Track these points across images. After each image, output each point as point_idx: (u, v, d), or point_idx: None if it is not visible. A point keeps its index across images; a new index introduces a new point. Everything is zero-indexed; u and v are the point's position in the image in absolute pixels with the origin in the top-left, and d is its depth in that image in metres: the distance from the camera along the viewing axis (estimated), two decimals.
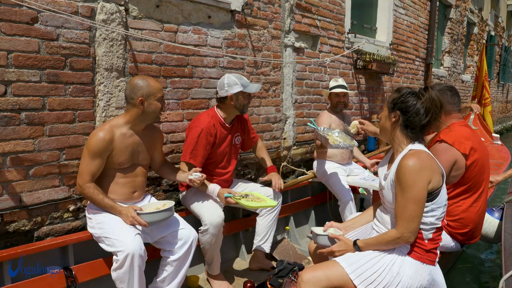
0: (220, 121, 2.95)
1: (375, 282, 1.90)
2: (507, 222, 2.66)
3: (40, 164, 2.48)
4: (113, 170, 2.43)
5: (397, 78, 6.52)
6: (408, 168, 1.86)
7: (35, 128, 2.44)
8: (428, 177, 1.87)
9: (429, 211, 1.93)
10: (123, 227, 2.25)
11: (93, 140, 2.34)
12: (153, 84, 2.45)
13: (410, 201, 1.86)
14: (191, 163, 2.77)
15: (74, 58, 2.57)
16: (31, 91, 2.40)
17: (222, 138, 2.95)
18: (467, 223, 2.58)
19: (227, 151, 3.02)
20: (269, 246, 3.14)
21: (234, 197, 2.70)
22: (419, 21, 7.10)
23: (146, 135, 2.58)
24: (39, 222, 2.53)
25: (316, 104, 4.71)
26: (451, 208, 2.54)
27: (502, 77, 14.95)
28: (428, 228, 1.94)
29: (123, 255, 2.12)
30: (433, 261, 1.98)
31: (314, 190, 4.29)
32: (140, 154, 2.54)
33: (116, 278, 2.18)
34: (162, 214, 2.32)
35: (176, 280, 2.46)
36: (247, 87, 2.88)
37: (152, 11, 2.98)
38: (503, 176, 3.35)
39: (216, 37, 3.46)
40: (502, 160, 5.47)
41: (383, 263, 1.94)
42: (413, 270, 1.93)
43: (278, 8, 4.05)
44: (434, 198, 1.93)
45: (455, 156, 2.47)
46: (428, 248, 1.95)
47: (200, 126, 2.81)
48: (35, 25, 2.38)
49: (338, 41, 4.98)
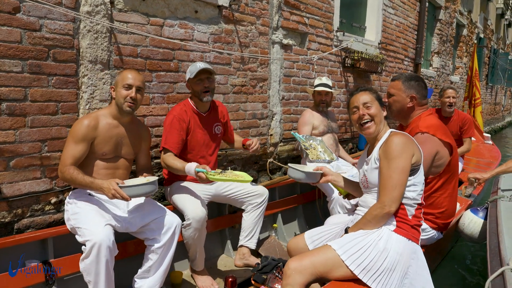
0: (193, 109, 2.97)
1: (362, 257, 1.97)
2: (491, 221, 2.65)
3: (21, 156, 2.46)
4: (95, 159, 2.43)
5: (386, 77, 6.56)
6: (395, 141, 2.05)
7: (16, 119, 2.42)
8: (412, 151, 2.05)
9: (411, 185, 2.07)
10: (94, 217, 2.23)
11: (77, 126, 2.35)
12: (124, 73, 2.49)
13: (395, 170, 2.01)
14: (167, 149, 2.78)
15: (57, 50, 2.56)
16: (13, 81, 2.38)
17: (197, 125, 2.95)
18: (451, 213, 2.67)
19: (206, 139, 3.01)
20: (255, 243, 3.13)
21: (206, 172, 2.52)
22: (408, 21, 7.15)
23: (132, 129, 2.58)
24: (19, 214, 2.51)
25: (303, 101, 4.72)
26: (437, 201, 2.58)
27: (491, 79, 15.11)
28: (411, 203, 2.08)
29: (90, 244, 2.08)
30: (417, 239, 2.10)
31: (302, 187, 4.28)
32: (123, 147, 2.54)
33: (83, 269, 2.14)
34: (145, 187, 2.27)
35: (162, 268, 2.45)
36: (193, 72, 2.84)
37: (138, 4, 2.97)
38: (490, 174, 3.34)
39: (203, 32, 3.45)
40: (493, 159, 5.54)
41: (369, 239, 2.02)
42: (400, 246, 2.01)
43: (266, 5, 4.05)
44: (416, 172, 2.09)
45: (437, 146, 2.50)
46: (412, 223, 2.08)
47: (172, 113, 2.87)
48: (17, 15, 2.36)
49: (327, 39, 4.99)
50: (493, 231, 2.45)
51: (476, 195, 3.82)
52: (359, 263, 1.96)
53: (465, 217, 3.20)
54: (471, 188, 3.69)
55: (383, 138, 2.15)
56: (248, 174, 2.60)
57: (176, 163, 2.70)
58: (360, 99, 2.20)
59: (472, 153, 5.77)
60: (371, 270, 1.95)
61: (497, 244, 2.20)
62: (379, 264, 1.96)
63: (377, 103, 2.21)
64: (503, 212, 2.70)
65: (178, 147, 2.82)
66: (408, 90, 2.60)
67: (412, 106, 2.61)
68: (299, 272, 1.95)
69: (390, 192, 2.01)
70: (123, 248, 2.62)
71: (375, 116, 2.17)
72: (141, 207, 2.52)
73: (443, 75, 9.54)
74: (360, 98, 2.20)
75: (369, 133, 2.18)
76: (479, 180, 3.36)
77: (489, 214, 2.87)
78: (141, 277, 2.45)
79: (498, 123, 17.10)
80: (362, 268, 1.96)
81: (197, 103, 2.97)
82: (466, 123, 4.60)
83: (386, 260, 1.96)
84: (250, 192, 3.05)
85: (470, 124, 4.62)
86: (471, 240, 3.21)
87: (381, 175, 2.07)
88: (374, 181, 2.14)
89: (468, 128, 4.60)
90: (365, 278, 1.95)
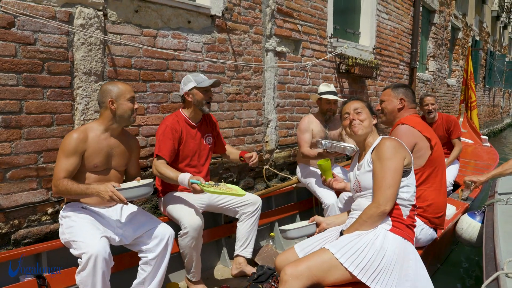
0: (185, 120, 2.99)
1: (360, 257, 1.98)
2: (488, 225, 2.63)
3: (17, 167, 2.50)
4: (86, 172, 2.44)
5: (381, 82, 6.60)
6: (387, 144, 2.15)
7: (12, 131, 2.46)
8: (404, 154, 2.15)
9: (405, 186, 2.15)
10: (89, 230, 2.25)
11: (67, 140, 2.37)
12: (121, 86, 2.51)
13: (389, 170, 2.08)
14: (160, 156, 2.81)
15: (51, 62, 2.60)
16: (8, 94, 2.42)
17: (189, 135, 2.98)
18: (441, 207, 2.68)
19: (198, 150, 3.04)
20: (250, 252, 3.13)
21: (201, 184, 2.55)
22: (402, 26, 7.21)
23: (122, 140, 2.60)
24: (16, 225, 2.54)
25: (298, 108, 4.76)
26: (424, 194, 2.62)
27: (488, 81, 15.16)
28: (405, 204, 2.15)
29: (86, 257, 2.09)
30: (412, 238, 2.15)
31: (299, 195, 4.28)
32: (114, 158, 2.56)
33: (79, 282, 2.15)
34: (141, 189, 2.30)
35: (156, 279, 2.46)
36: (201, 82, 2.90)
37: (131, 16, 3.02)
38: (487, 177, 3.30)
39: (196, 41, 3.50)
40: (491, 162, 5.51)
41: (366, 239, 2.04)
42: (396, 245, 2.03)
43: (259, 13, 4.10)
44: (409, 174, 2.18)
45: (416, 137, 2.60)
46: (407, 223, 2.13)
47: (165, 123, 2.90)
48: (11, 30, 2.41)
49: (321, 46, 5.05)
50: (489, 235, 2.43)
51: (474, 198, 3.81)
52: (357, 263, 1.96)
53: (462, 221, 3.19)
54: (468, 191, 3.67)
55: (374, 143, 2.24)
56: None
57: (169, 172, 2.72)
58: (351, 106, 2.32)
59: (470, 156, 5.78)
60: (369, 269, 1.95)
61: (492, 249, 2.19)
62: (377, 263, 1.97)
63: (367, 110, 2.33)
64: (500, 216, 2.69)
65: (170, 155, 2.85)
66: (397, 95, 2.82)
67: (402, 107, 2.80)
68: (295, 277, 1.95)
69: (384, 191, 2.06)
70: (118, 261, 2.61)
71: (363, 120, 2.27)
72: (134, 219, 2.54)
73: (439, 79, 9.58)
74: (351, 106, 2.33)
75: (356, 131, 2.26)
76: (475, 183, 3.35)
77: (486, 218, 2.85)
78: None
79: (496, 125, 17.12)
80: (361, 268, 1.96)
81: (191, 113, 2.99)
82: (451, 124, 4.64)
83: (383, 259, 1.98)
84: (243, 201, 3.05)
85: (455, 124, 4.66)
86: (470, 244, 3.19)
87: (375, 176, 2.12)
88: (367, 184, 2.19)
89: (454, 128, 4.64)
90: (364, 278, 1.95)
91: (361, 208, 2.21)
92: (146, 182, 2.37)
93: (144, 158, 3.15)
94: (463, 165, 5.13)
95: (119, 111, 2.48)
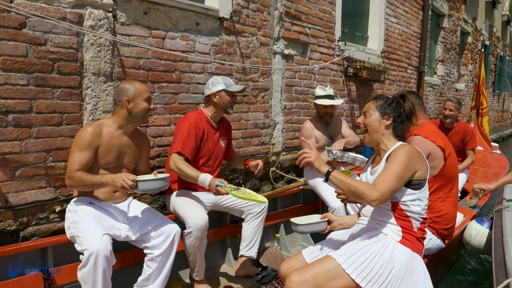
0: (207, 119, 3.05)
1: (368, 268, 1.93)
2: (496, 232, 2.63)
3: (26, 166, 2.54)
4: (99, 169, 2.47)
5: (389, 85, 6.59)
6: (403, 150, 2.03)
7: (22, 130, 2.50)
8: (416, 164, 2.02)
9: (416, 199, 2.05)
10: (92, 226, 2.26)
11: (82, 134, 2.40)
12: (138, 86, 2.55)
13: (395, 164, 1.97)
14: (182, 153, 2.83)
15: (61, 63, 2.64)
16: (18, 94, 2.46)
17: (209, 135, 3.04)
18: (451, 218, 2.67)
19: (214, 150, 3.08)
20: (255, 253, 3.14)
21: (225, 187, 2.64)
22: (411, 30, 7.19)
23: (134, 139, 2.64)
24: (25, 223, 2.58)
25: (305, 110, 4.77)
26: (435, 204, 2.60)
27: (498, 86, 15.06)
28: (416, 217, 2.06)
29: (88, 254, 2.11)
30: (421, 251, 2.08)
31: (306, 197, 4.28)
32: (126, 156, 2.60)
33: (80, 278, 2.17)
34: (158, 182, 2.32)
35: (161, 276, 2.48)
36: (230, 86, 3.01)
37: (140, 18, 3.05)
38: (496, 185, 3.27)
39: (204, 43, 3.53)
40: (501, 169, 5.46)
41: (374, 249, 1.99)
42: (405, 257, 1.99)
43: (267, 16, 4.13)
44: (422, 187, 2.06)
45: (429, 147, 2.57)
46: (417, 235, 2.07)
47: (189, 120, 2.93)
48: (23, 30, 2.45)
49: (329, 49, 5.05)
50: (498, 242, 2.42)
51: (482, 206, 3.76)
52: (365, 275, 1.92)
53: (471, 228, 3.16)
54: (476, 199, 3.63)
55: (391, 148, 2.13)
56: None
57: (190, 170, 2.76)
58: (366, 106, 2.25)
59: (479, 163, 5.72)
60: (377, 281, 1.91)
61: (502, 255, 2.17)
62: (385, 275, 1.92)
63: (378, 113, 2.19)
64: (508, 223, 2.67)
65: (193, 153, 2.89)
66: None
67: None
68: (300, 285, 1.93)
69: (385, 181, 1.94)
70: (123, 258, 2.66)
71: (367, 125, 2.20)
72: (141, 215, 2.57)
73: (448, 83, 9.53)
74: (367, 106, 2.25)
75: (364, 138, 2.24)
76: (484, 191, 3.31)
77: (494, 224, 2.84)
78: (140, 285, 2.49)
79: (506, 130, 16.97)
80: (369, 279, 1.91)
81: (213, 114, 3.07)
82: (468, 134, 4.61)
83: (392, 271, 1.93)
84: (249, 202, 3.06)
85: (472, 136, 4.62)
86: (478, 251, 3.16)
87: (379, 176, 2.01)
88: None
89: (470, 139, 4.60)
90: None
91: (370, 213, 2.18)
92: (163, 176, 2.38)
93: (151, 159, 3.17)
94: (472, 172, 5.09)
95: (135, 110, 2.51)
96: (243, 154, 4.02)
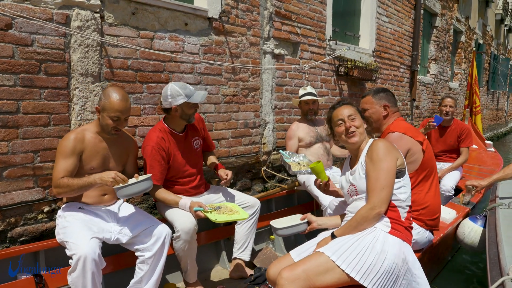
0: (170, 131, 2.92)
1: (361, 262, 1.96)
2: (490, 230, 2.63)
3: (14, 166, 2.55)
4: (84, 175, 2.46)
5: (381, 84, 6.61)
6: (379, 145, 2.16)
7: (9, 131, 2.51)
8: (396, 154, 2.17)
9: (401, 187, 2.16)
10: (80, 231, 2.28)
11: (65, 142, 2.42)
12: (113, 101, 2.44)
13: (382, 172, 2.09)
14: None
15: (49, 63, 2.65)
16: (5, 94, 2.47)
17: (176, 148, 2.93)
18: (436, 209, 2.70)
19: (188, 158, 3.00)
20: (249, 255, 3.15)
21: (203, 211, 2.64)
22: (403, 29, 7.22)
23: (119, 142, 2.64)
24: (12, 223, 2.59)
25: (296, 110, 4.79)
26: (419, 197, 2.62)
27: (492, 85, 15.12)
28: (403, 205, 2.15)
29: (76, 258, 2.13)
30: (410, 240, 2.15)
31: (300, 198, 4.29)
32: (111, 160, 2.60)
33: (71, 282, 2.18)
34: (141, 184, 2.33)
35: (153, 278, 2.49)
36: (192, 97, 2.79)
37: (128, 19, 3.07)
38: (488, 181, 3.28)
39: (193, 43, 3.54)
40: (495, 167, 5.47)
41: (365, 242, 2.02)
42: (397, 248, 2.02)
43: (257, 16, 4.14)
44: (404, 174, 2.19)
45: (408, 143, 2.60)
46: (405, 225, 2.14)
47: (150, 144, 2.80)
48: (9, 31, 2.46)
49: (319, 48, 5.08)
50: (492, 240, 2.42)
51: (475, 203, 3.77)
52: (359, 268, 1.94)
53: (464, 226, 3.18)
54: (469, 195, 3.65)
55: (366, 146, 2.25)
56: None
57: (169, 198, 2.77)
58: (345, 112, 2.31)
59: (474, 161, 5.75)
60: (371, 273, 1.94)
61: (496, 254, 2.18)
62: (378, 266, 1.94)
63: (359, 115, 2.34)
64: (502, 220, 2.67)
65: (162, 178, 2.83)
66: (379, 101, 2.79)
67: (386, 114, 2.79)
68: (291, 281, 1.94)
69: (378, 193, 2.06)
70: (115, 261, 2.67)
71: (359, 127, 2.29)
72: (131, 218, 2.58)
73: (441, 82, 9.57)
74: (344, 111, 2.31)
75: (355, 141, 2.27)
76: (477, 188, 3.33)
77: (488, 222, 2.84)
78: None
79: (501, 129, 17.04)
80: (363, 272, 1.94)
81: (175, 124, 2.92)
82: (464, 132, 4.62)
83: (384, 262, 1.96)
84: (241, 204, 3.06)
85: (468, 134, 4.64)
86: (472, 249, 3.16)
87: (368, 178, 2.13)
88: (364, 188, 2.19)
89: (465, 137, 4.62)
90: (365, 282, 1.93)
91: (356, 210, 2.19)
92: (144, 177, 2.39)
93: (140, 159, 3.18)
94: (467, 170, 5.10)
95: (101, 121, 2.51)
96: (234, 154, 4.04)
